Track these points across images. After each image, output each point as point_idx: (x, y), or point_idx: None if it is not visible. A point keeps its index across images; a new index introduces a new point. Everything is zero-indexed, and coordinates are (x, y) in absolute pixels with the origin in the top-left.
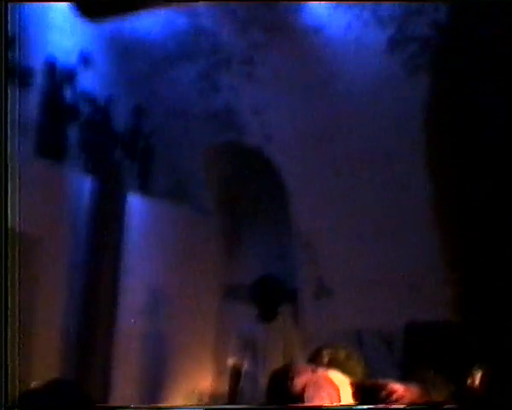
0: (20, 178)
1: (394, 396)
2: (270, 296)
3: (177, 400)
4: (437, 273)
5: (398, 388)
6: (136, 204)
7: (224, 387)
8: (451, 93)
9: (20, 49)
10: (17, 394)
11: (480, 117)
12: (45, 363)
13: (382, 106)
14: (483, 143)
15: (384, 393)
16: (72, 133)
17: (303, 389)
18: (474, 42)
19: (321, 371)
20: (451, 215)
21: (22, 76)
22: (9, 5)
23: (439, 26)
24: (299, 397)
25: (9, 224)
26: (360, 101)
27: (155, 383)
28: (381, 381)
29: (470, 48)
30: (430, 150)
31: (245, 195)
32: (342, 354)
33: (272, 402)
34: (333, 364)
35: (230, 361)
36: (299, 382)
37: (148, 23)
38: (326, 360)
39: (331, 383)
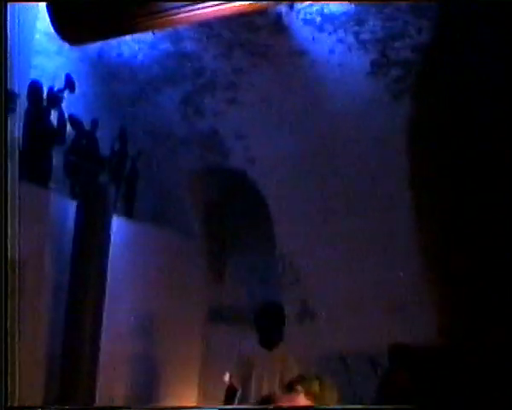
0: (5, 203)
1: None
2: (274, 324)
3: None
4: (420, 295)
5: None
6: (121, 228)
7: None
8: (435, 116)
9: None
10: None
11: (463, 139)
12: (29, 387)
13: (366, 129)
14: (467, 166)
15: None
16: (57, 157)
17: None
18: (458, 65)
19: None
20: (435, 237)
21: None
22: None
23: (422, 50)
24: None
25: None
26: (344, 124)
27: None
28: None
29: (454, 71)
30: (414, 172)
31: (229, 218)
32: (315, 385)
33: None
34: (307, 395)
35: (227, 381)
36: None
37: (132, 47)
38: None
39: None
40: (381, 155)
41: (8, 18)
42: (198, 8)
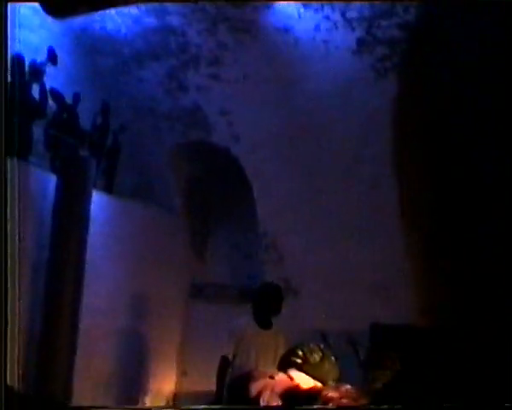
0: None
1: (331, 402)
2: (270, 305)
3: (146, 400)
4: (403, 275)
5: (333, 394)
6: (102, 203)
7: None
8: (419, 95)
9: None
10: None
11: (448, 119)
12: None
13: (350, 107)
14: (451, 145)
15: (322, 397)
16: (38, 130)
17: (259, 394)
18: (443, 44)
19: (279, 376)
20: (420, 218)
21: None
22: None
23: (408, 28)
24: (256, 401)
25: None
26: (328, 102)
27: (125, 384)
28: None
29: (439, 50)
30: (398, 152)
31: (212, 195)
32: (317, 356)
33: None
34: (306, 364)
35: (221, 353)
36: (255, 387)
37: (116, 21)
38: (299, 360)
39: (287, 387)
40: (366, 134)
41: None
42: None
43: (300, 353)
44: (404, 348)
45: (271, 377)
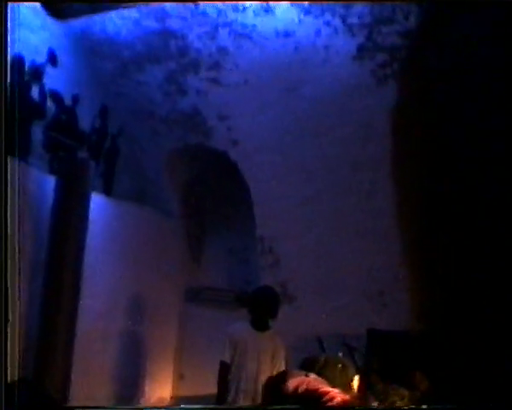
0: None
1: (333, 402)
2: (267, 308)
3: (143, 403)
4: (399, 281)
5: (335, 394)
6: (100, 205)
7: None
8: (419, 102)
9: None
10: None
11: (447, 126)
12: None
13: (350, 113)
14: (450, 153)
15: (325, 399)
16: (37, 131)
17: (295, 388)
18: (443, 51)
19: (313, 375)
20: (416, 224)
21: None
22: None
23: (409, 35)
24: (292, 395)
25: None
26: (328, 107)
27: (122, 387)
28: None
29: (439, 57)
30: (396, 159)
31: (210, 199)
32: (337, 367)
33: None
34: (324, 373)
35: (221, 358)
36: (292, 383)
37: (116, 24)
38: (318, 367)
39: (320, 386)
40: (364, 140)
41: None
42: None
43: (322, 359)
44: (400, 354)
45: (306, 375)
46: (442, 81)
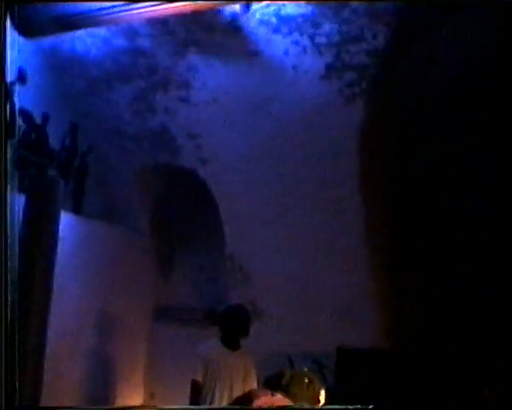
0: None
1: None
2: (238, 326)
3: None
4: (367, 299)
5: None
6: (69, 223)
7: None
8: (386, 121)
9: None
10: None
11: (413, 145)
12: None
13: (318, 132)
14: (418, 170)
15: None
16: (6, 150)
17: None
18: (411, 71)
19: (279, 396)
20: (384, 241)
21: None
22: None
23: (377, 54)
24: None
25: None
26: (296, 126)
27: (92, 405)
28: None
29: (407, 77)
30: (363, 177)
31: (179, 217)
32: (304, 382)
33: None
34: (291, 388)
35: (192, 378)
36: (257, 402)
37: (86, 42)
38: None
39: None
40: (332, 159)
41: None
42: (154, 5)
43: (288, 374)
44: (370, 371)
45: (272, 395)
46: (410, 99)
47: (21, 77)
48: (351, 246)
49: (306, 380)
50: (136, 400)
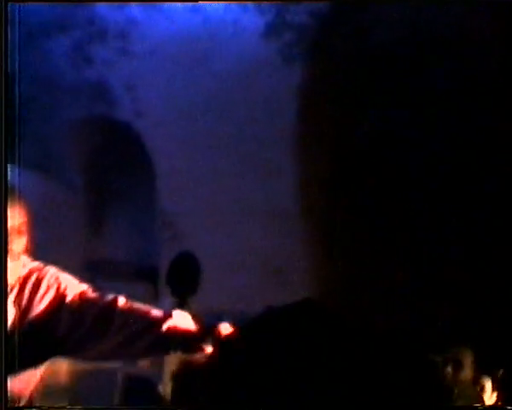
0: None
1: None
2: (189, 277)
3: None
4: (300, 259)
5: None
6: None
7: None
8: (325, 84)
9: None
10: None
11: (351, 108)
12: None
13: (255, 90)
14: (353, 133)
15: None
16: None
17: None
18: (352, 33)
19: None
20: (318, 203)
21: None
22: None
23: (318, 16)
24: None
25: None
26: (234, 83)
27: None
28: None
29: (347, 39)
30: (300, 138)
31: (112, 170)
32: None
33: None
34: None
35: None
36: None
37: None
38: None
39: None
40: (269, 118)
41: None
42: None
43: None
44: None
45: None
46: (350, 62)
47: None
48: (285, 207)
49: None
50: None
